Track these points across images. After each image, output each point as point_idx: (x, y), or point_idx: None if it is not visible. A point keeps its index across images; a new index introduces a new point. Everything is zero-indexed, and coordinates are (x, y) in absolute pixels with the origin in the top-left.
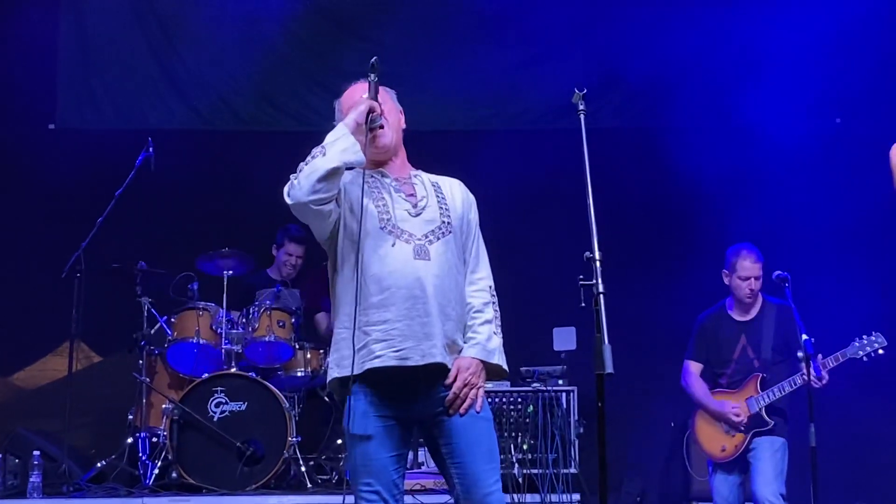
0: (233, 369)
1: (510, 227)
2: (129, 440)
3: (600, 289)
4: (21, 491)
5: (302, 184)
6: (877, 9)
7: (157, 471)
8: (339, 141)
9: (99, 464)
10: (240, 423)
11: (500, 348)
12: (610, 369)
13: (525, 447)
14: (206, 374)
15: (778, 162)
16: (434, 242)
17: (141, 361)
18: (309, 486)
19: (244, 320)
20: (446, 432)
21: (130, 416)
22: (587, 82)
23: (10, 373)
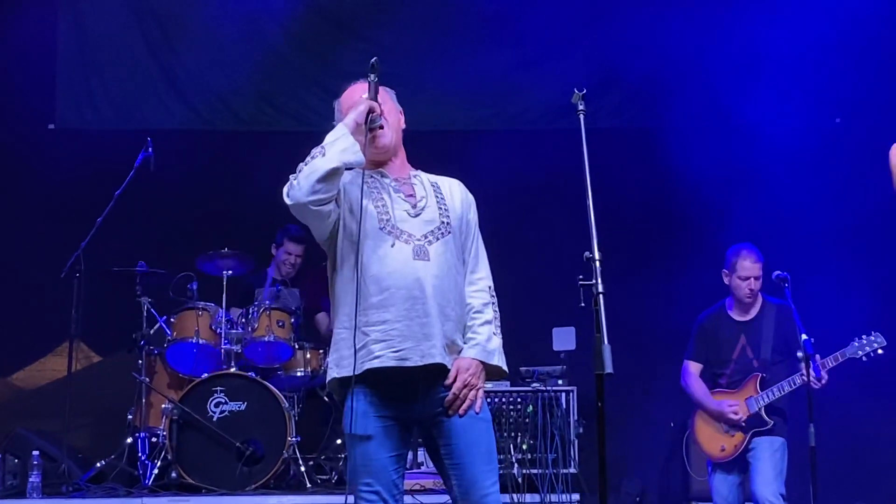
0: (232, 369)
1: (510, 227)
2: (129, 440)
3: (600, 289)
4: (20, 491)
5: (301, 184)
6: (877, 9)
7: (156, 471)
8: (339, 141)
9: (98, 464)
10: (239, 423)
11: (500, 349)
12: (609, 369)
13: (525, 447)
14: (205, 374)
15: (778, 162)
16: (433, 243)
17: (140, 361)
18: (308, 486)
19: (244, 320)
20: (445, 433)
21: (130, 416)
22: (587, 82)
23: (9, 373)
